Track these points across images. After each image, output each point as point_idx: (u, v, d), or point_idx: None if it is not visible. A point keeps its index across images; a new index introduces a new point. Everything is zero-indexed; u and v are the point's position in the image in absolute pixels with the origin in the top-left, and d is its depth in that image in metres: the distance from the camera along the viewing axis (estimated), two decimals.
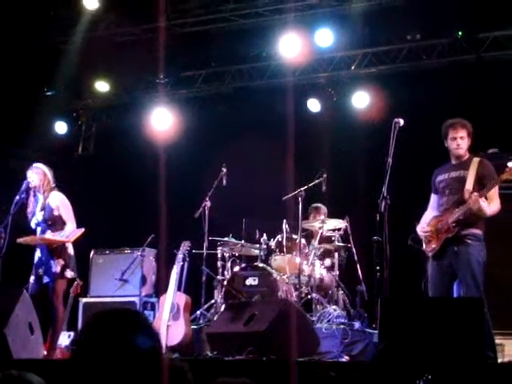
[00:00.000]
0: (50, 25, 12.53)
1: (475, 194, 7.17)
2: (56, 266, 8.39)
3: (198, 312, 9.97)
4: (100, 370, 2.29)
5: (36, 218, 8.57)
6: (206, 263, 10.26)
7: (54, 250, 8.44)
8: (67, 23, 12.36)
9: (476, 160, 7.51)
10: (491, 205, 7.29)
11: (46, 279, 8.40)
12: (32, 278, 8.50)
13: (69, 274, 8.51)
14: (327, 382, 5.63)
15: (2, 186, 8.91)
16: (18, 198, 8.53)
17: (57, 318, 8.33)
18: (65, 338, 9.08)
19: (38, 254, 8.55)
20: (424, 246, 7.61)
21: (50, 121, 13.82)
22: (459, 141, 7.54)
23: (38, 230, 8.57)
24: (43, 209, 8.56)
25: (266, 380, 5.55)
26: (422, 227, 7.62)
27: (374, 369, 4.22)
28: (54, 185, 8.67)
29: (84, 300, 10.99)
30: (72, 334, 9.26)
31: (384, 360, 4.22)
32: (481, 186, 7.29)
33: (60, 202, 8.58)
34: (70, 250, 8.59)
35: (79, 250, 10.91)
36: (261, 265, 10.05)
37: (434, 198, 7.77)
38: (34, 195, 8.66)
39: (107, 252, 11.59)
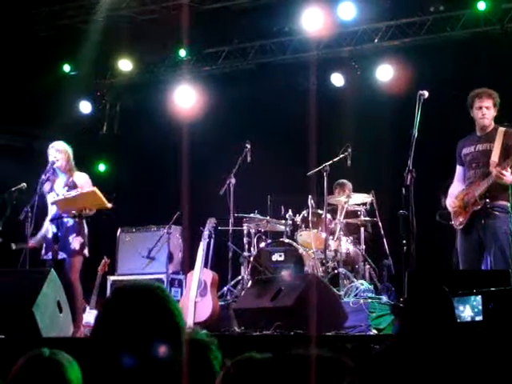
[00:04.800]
0: (72, 4, 12.55)
1: (497, 168, 7.14)
2: (75, 243, 8.42)
3: (225, 288, 9.99)
4: (118, 345, 2.28)
5: (55, 193, 8.58)
6: (231, 240, 10.26)
7: (73, 227, 8.46)
8: (90, 2, 12.37)
9: (501, 130, 7.45)
10: None
11: (61, 255, 8.42)
12: (49, 254, 8.47)
13: (87, 252, 8.52)
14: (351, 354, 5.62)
15: (26, 167, 8.93)
16: (44, 177, 8.56)
17: (76, 295, 8.30)
18: (93, 316, 9.12)
19: (52, 229, 8.54)
20: (452, 220, 7.58)
21: (74, 101, 13.84)
22: (484, 110, 7.50)
23: (55, 207, 8.61)
24: (67, 186, 8.59)
25: None
26: (451, 201, 7.59)
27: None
28: (73, 162, 8.73)
29: (112, 278, 11.04)
30: None
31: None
32: (507, 156, 7.25)
33: (85, 182, 8.64)
34: (86, 230, 8.59)
35: (106, 229, 10.97)
36: (287, 240, 10.06)
37: (459, 170, 7.73)
38: (55, 173, 8.67)
39: (134, 230, 11.61)
